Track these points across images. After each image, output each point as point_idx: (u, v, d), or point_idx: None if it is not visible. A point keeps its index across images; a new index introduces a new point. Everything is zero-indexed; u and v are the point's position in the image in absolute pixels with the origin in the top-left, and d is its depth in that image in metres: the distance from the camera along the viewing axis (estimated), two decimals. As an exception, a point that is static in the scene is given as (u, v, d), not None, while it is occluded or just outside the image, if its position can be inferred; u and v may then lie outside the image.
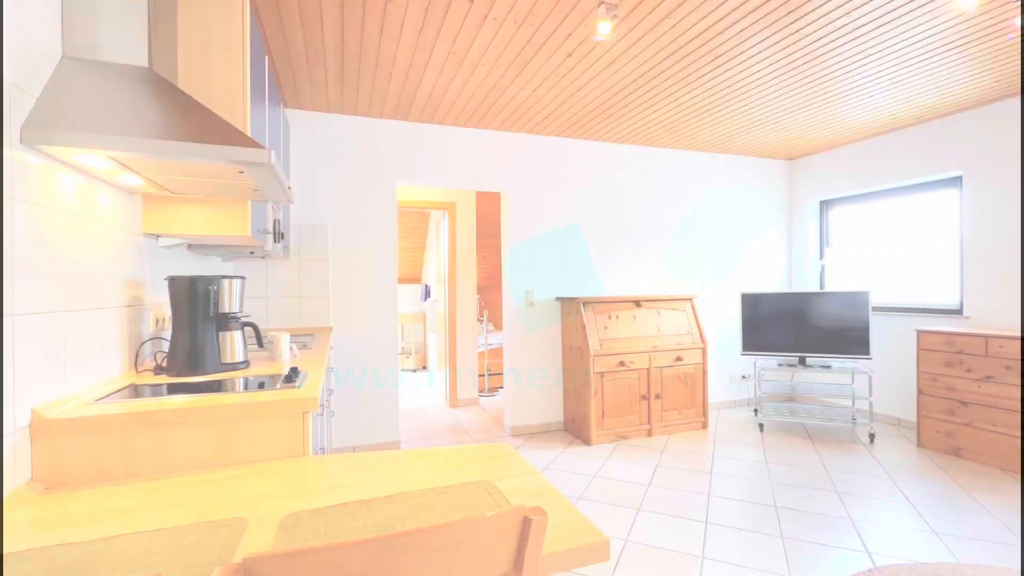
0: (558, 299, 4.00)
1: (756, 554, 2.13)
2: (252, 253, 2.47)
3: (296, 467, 1.19)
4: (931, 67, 2.80)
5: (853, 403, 3.89)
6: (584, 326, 3.66)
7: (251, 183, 1.50)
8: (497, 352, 5.67)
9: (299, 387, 1.40)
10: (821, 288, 4.67)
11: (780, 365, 4.00)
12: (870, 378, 3.61)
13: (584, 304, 3.77)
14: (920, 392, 3.43)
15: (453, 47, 2.49)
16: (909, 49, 2.58)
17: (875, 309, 4.14)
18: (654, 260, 4.39)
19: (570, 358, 3.88)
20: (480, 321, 6.07)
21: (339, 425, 3.47)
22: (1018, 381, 2.94)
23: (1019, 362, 2.93)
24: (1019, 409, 2.94)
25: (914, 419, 3.82)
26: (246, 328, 2.16)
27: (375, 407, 3.54)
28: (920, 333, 3.42)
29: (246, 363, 1.74)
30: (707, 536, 2.29)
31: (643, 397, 3.77)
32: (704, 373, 3.97)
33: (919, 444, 3.45)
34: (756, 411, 4.03)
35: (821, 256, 4.74)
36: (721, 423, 4.14)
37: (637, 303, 3.93)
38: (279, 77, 2.83)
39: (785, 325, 4.00)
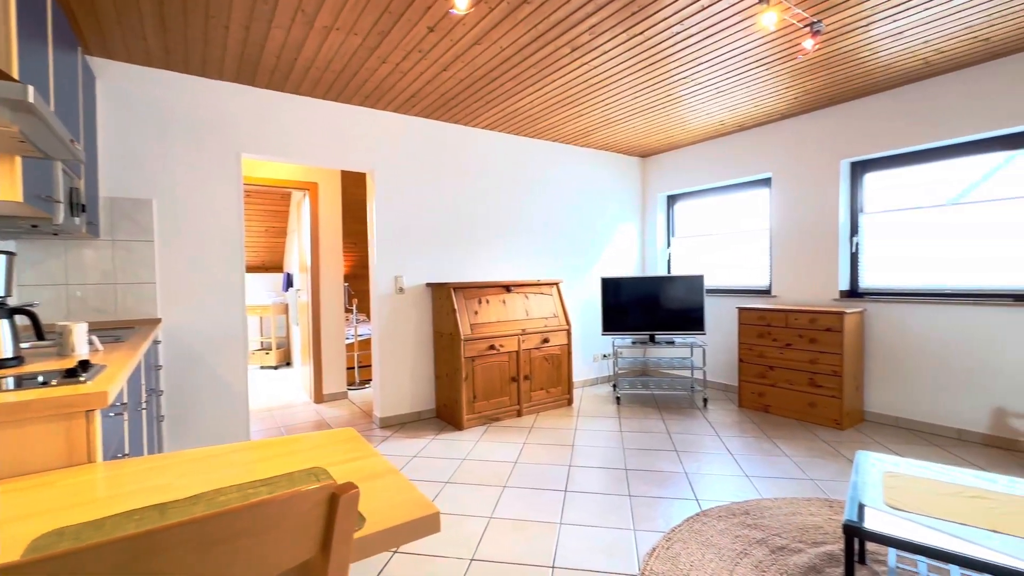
0: (428, 285, 3.93)
1: (608, 514, 2.31)
2: (36, 227, 1.99)
3: (76, 477, 0.98)
4: (747, 81, 3.26)
5: (692, 373, 4.44)
6: (455, 311, 3.64)
7: (13, 132, 1.19)
8: (368, 343, 5.41)
9: (85, 382, 1.15)
10: (668, 273, 5.24)
11: (634, 343, 4.40)
12: (704, 351, 4.14)
13: (455, 290, 3.74)
14: (740, 360, 4.03)
15: (300, 3, 2.26)
16: (731, 62, 2.97)
17: (708, 291, 4.76)
18: (524, 246, 4.52)
19: (441, 344, 3.84)
20: (349, 311, 5.74)
21: (173, 431, 3.01)
22: (807, 347, 3.60)
23: (809, 331, 3.59)
24: (808, 369, 3.60)
25: (736, 384, 4.48)
26: (17, 316, 1.74)
27: (220, 408, 3.14)
28: (740, 310, 4.01)
29: (18, 359, 1.40)
30: (566, 503, 2.43)
31: (513, 379, 3.88)
32: (569, 353, 4.21)
33: (739, 405, 4.06)
34: (615, 386, 4.39)
35: (668, 245, 5.31)
36: (584, 399, 4.44)
37: (507, 288, 4.02)
38: (74, 14, 2.32)
39: (638, 307, 4.40)
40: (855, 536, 1.34)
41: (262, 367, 6.32)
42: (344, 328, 4.69)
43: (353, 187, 5.52)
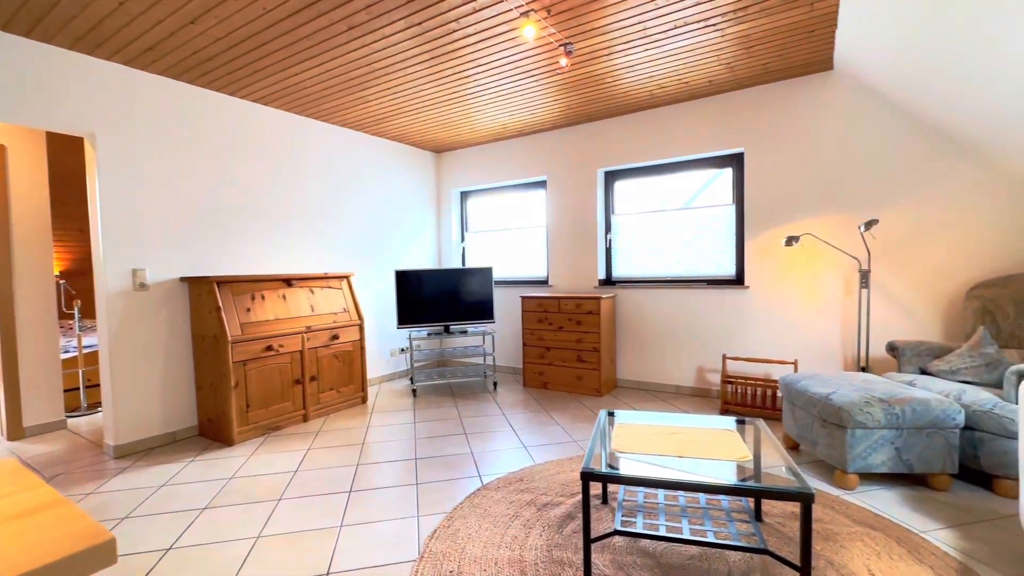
0: (184, 280, 3.29)
1: (393, 506, 2.28)
2: None
3: None
4: (521, 89, 3.58)
5: (484, 360, 4.71)
6: (220, 309, 3.13)
7: None
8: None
9: None
10: (462, 266, 5.45)
11: (430, 335, 4.46)
12: (493, 338, 4.44)
13: (219, 284, 3.22)
14: (524, 344, 4.44)
15: None
16: (505, 68, 3.21)
17: (497, 282, 5.12)
18: (310, 236, 4.16)
19: (203, 348, 3.27)
20: (69, 316, 4.45)
21: None
22: (575, 328, 4.16)
23: (576, 315, 4.15)
24: (575, 348, 4.16)
25: (521, 366, 4.93)
26: None
27: None
28: (523, 299, 4.42)
29: None
30: (349, 504, 2.31)
31: (297, 381, 3.54)
32: (362, 349, 4.04)
33: (524, 385, 4.48)
34: (412, 379, 4.38)
35: (462, 239, 5.53)
36: (381, 395, 4.32)
37: (287, 282, 3.64)
38: None
39: (433, 299, 4.47)
40: (590, 480, 1.58)
41: (-85, 402, 4.44)
42: (59, 338, 3.62)
43: (69, 156, 4.29)
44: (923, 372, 2.79)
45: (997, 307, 2.71)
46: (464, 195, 5.50)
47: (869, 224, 3.03)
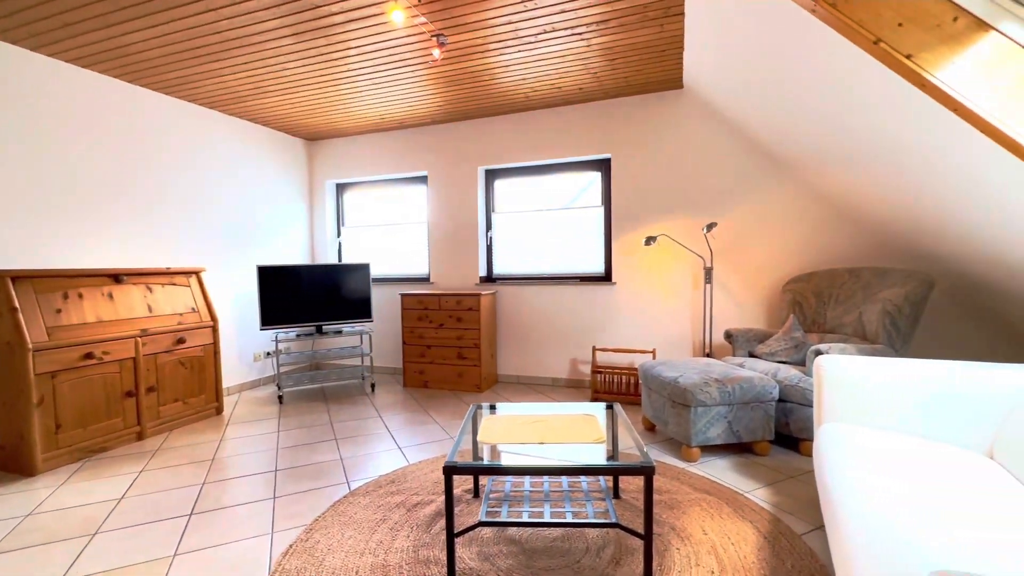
0: (-38, 274, 2.64)
1: (243, 525, 2.05)
2: None
3: None
4: (396, 78, 3.46)
5: (362, 361, 4.48)
6: (15, 310, 2.56)
7: None
8: None
9: None
10: (339, 262, 5.13)
11: (300, 336, 4.12)
12: (371, 338, 4.24)
13: (15, 280, 2.63)
14: (404, 343, 4.31)
15: None
16: (378, 54, 3.07)
17: (376, 279, 4.91)
18: (150, 226, 3.60)
19: (-8, 360, 2.65)
20: None
21: None
22: (455, 325, 4.13)
23: (456, 311, 4.12)
24: (456, 345, 4.14)
25: (401, 365, 4.78)
26: None
27: None
28: (403, 296, 4.28)
29: None
30: (188, 529, 2.02)
31: (129, 394, 3.03)
32: (216, 354, 3.60)
33: (404, 385, 4.34)
34: (279, 385, 4.01)
35: (339, 234, 5.20)
36: (241, 405, 3.89)
37: (116, 277, 3.10)
38: None
39: (303, 297, 4.14)
40: (452, 473, 1.56)
41: None
42: None
43: None
44: (751, 355, 3.23)
45: (803, 298, 3.24)
46: (340, 187, 5.18)
47: (710, 226, 3.43)
